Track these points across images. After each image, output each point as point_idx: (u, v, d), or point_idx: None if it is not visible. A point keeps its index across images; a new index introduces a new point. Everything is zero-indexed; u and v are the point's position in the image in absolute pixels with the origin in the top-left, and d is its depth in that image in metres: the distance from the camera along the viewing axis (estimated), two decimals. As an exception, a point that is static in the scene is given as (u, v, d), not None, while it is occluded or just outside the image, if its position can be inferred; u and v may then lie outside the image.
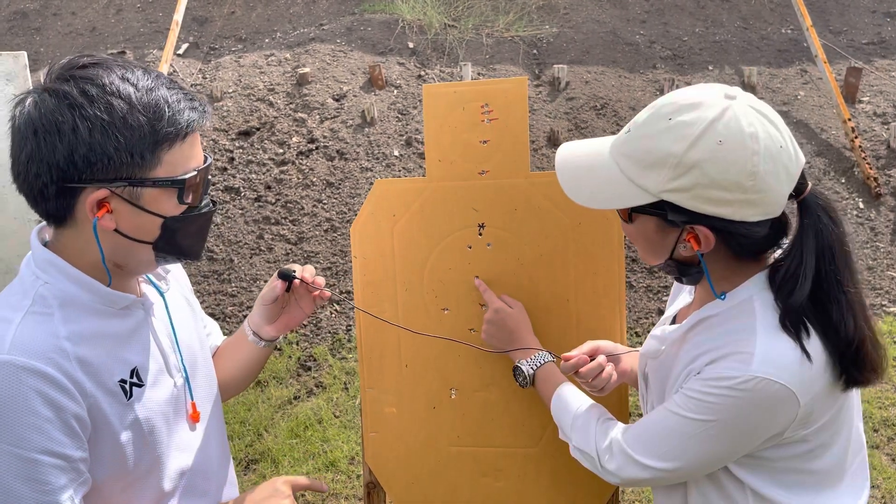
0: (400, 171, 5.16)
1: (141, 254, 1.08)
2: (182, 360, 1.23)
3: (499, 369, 1.53)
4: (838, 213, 1.06)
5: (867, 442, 3.40)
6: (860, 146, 5.22)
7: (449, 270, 1.53)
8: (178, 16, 5.90)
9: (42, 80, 1.02)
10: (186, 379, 1.23)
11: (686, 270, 1.12)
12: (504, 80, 1.50)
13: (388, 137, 5.35)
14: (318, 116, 5.43)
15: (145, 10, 6.97)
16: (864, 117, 5.66)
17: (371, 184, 5.10)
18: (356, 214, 1.40)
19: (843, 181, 5.26)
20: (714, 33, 6.55)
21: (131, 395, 1.09)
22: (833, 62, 5.92)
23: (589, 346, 1.35)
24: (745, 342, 1.03)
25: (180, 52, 6.27)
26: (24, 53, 2.28)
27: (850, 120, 5.31)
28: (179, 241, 1.09)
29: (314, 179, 5.09)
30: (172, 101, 1.02)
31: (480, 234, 1.52)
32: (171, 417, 1.17)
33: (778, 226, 1.07)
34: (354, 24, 6.39)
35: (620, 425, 1.19)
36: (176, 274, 1.33)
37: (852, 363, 1.03)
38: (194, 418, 1.23)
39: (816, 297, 1.03)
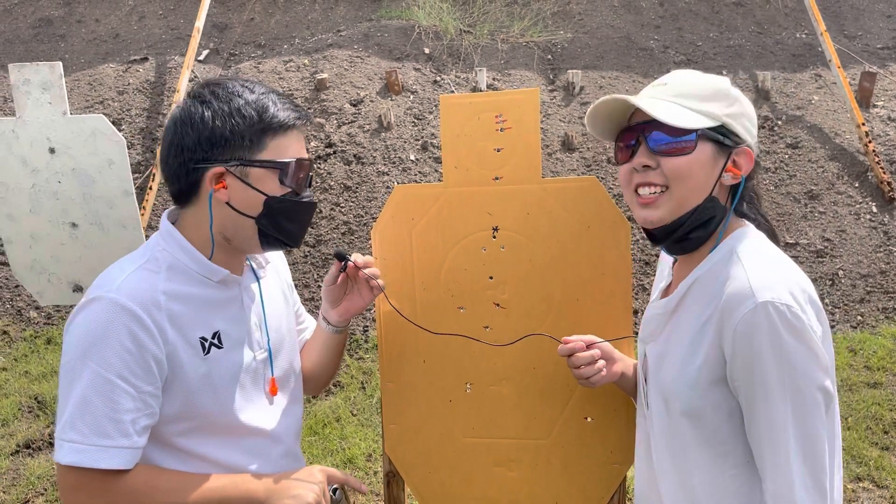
0: (416, 174, 5.25)
1: (246, 228, 1.28)
2: (269, 340, 1.40)
3: (511, 365, 1.61)
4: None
5: (878, 444, 3.44)
6: (874, 150, 5.25)
7: (465, 271, 1.62)
8: (200, 23, 6.03)
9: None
10: (270, 357, 1.40)
11: (716, 210, 1.23)
12: (517, 92, 1.58)
13: (405, 142, 5.44)
14: (335, 121, 5.54)
15: (167, 17, 7.11)
16: (879, 122, 5.69)
17: (387, 187, 5.19)
18: (373, 218, 1.51)
19: (856, 185, 5.28)
20: (728, 38, 6.59)
21: (208, 352, 1.28)
22: (847, 67, 5.94)
23: (588, 337, 1.42)
24: (740, 282, 1.14)
25: (201, 58, 6.41)
26: (60, 64, 2.39)
27: (864, 124, 5.34)
28: (280, 221, 1.29)
29: (332, 183, 5.19)
30: (278, 102, 1.28)
31: (494, 237, 1.61)
32: (247, 385, 1.35)
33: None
34: (371, 30, 6.49)
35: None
36: (278, 266, 1.53)
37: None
38: (272, 391, 1.41)
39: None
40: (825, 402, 1.10)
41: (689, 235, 1.24)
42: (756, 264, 1.15)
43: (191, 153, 1.24)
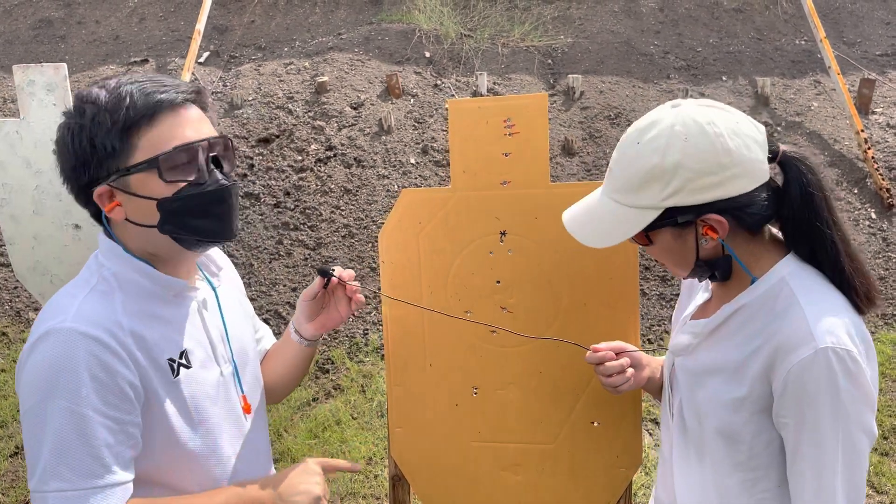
0: (416, 178, 5.25)
1: (159, 239, 1.15)
2: (232, 353, 1.30)
3: (519, 369, 1.61)
4: (813, 160, 1.17)
5: (877, 449, 3.45)
6: (873, 157, 5.27)
7: (472, 275, 1.62)
8: (200, 25, 6.04)
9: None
10: (236, 371, 1.30)
11: (717, 265, 1.20)
12: (526, 97, 1.59)
13: (405, 145, 5.45)
14: (336, 124, 5.54)
15: (167, 19, 7.12)
16: (878, 128, 5.71)
17: (388, 191, 5.20)
18: (373, 221, 1.50)
19: (855, 192, 5.30)
20: (728, 44, 6.62)
21: (178, 374, 1.17)
22: (846, 73, 5.96)
23: (617, 344, 1.41)
24: (798, 322, 1.10)
25: (201, 60, 6.41)
26: (65, 65, 2.39)
27: (863, 131, 5.36)
28: (187, 221, 1.14)
29: (332, 186, 5.19)
30: (135, 91, 1.10)
31: (502, 241, 1.61)
32: (220, 403, 1.25)
33: (775, 192, 1.17)
34: (372, 33, 6.50)
35: None
36: (230, 275, 1.43)
37: (853, 293, 1.15)
38: (246, 410, 1.31)
39: (809, 238, 1.15)
40: (869, 444, 1.10)
41: (710, 277, 1.24)
42: (814, 303, 1.12)
43: (75, 180, 1.13)
